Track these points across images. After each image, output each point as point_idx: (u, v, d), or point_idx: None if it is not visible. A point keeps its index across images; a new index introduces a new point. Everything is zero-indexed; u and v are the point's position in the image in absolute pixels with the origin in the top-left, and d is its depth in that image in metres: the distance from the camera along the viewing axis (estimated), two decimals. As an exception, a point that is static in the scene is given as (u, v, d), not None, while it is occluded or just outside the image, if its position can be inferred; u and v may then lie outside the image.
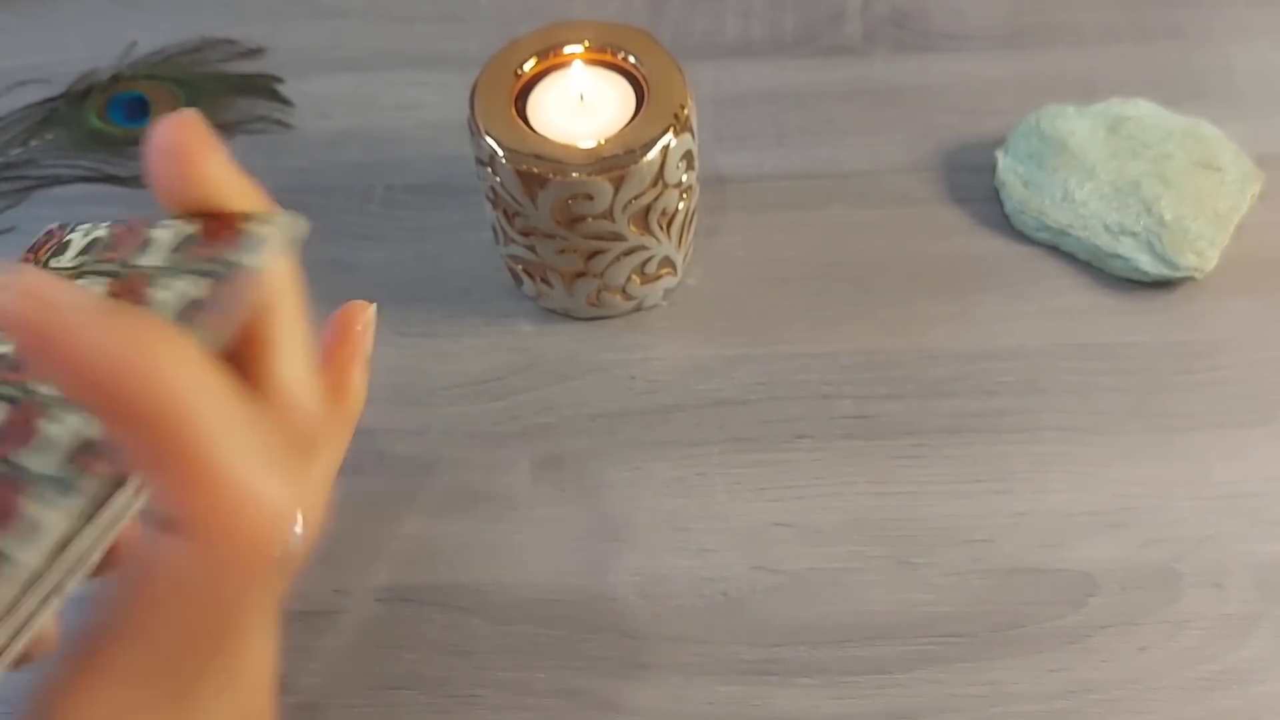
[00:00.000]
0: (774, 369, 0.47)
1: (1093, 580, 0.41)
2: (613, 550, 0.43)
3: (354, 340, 0.30)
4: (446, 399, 0.47)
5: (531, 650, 0.41)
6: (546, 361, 0.48)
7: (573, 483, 0.44)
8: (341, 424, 0.29)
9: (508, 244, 0.47)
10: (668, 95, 0.44)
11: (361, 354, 0.30)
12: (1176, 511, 0.42)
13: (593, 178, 0.42)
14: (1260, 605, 0.40)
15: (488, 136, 0.43)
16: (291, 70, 0.59)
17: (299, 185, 0.54)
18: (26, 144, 0.57)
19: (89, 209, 0.54)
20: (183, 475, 0.21)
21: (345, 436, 0.29)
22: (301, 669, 0.40)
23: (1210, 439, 0.44)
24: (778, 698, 0.39)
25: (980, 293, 0.49)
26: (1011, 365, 0.46)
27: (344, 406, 0.29)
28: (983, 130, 0.54)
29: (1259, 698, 0.38)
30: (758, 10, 0.60)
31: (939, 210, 0.51)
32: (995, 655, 0.39)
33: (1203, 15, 0.58)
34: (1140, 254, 0.47)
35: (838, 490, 0.43)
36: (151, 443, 0.21)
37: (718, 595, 0.41)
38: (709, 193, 0.52)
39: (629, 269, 0.46)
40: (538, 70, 0.45)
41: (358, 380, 0.29)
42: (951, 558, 0.42)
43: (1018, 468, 0.44)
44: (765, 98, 0.56)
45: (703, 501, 0.44)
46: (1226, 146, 0.50)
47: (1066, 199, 0.49)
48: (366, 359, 0.30)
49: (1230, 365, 0.46)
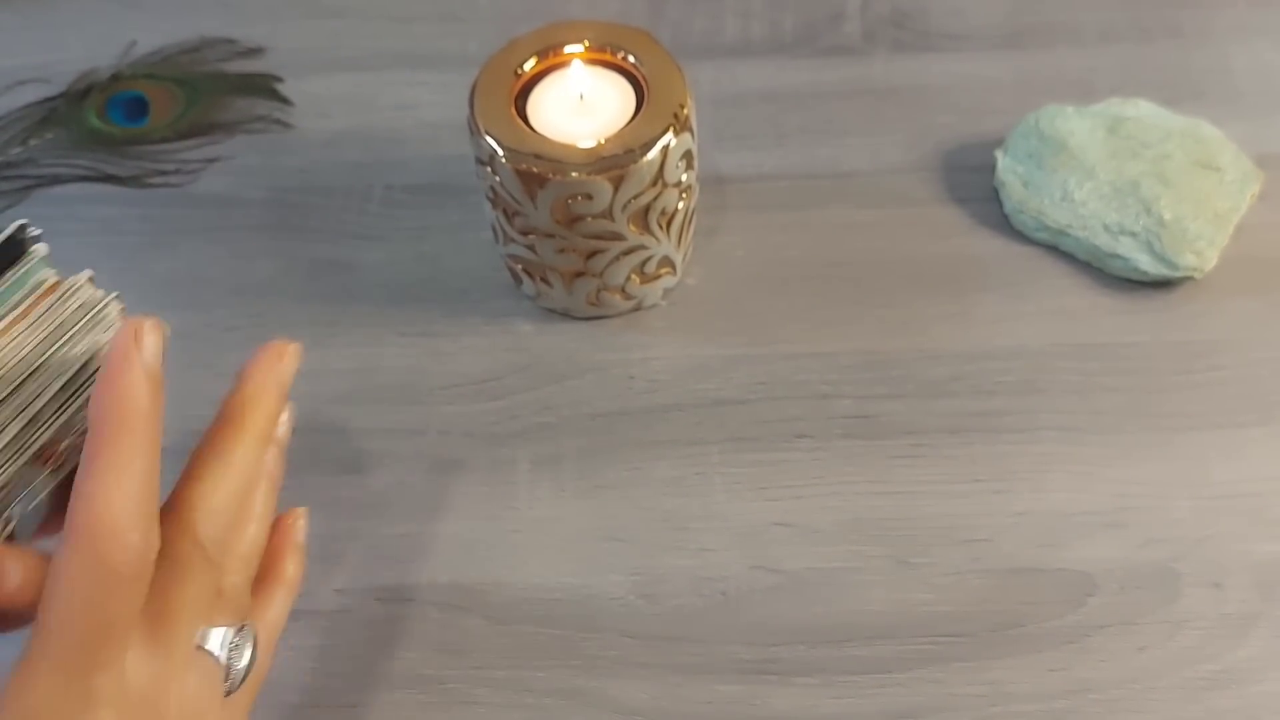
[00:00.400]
0: (773, 369, 0.47)
1: (1092, 580, 0.41)
2: (612, 550, 0.43)
3: (287, 532, 0.37)
4: (445, 398, 0.47)
5: (530, 650, 0.41)
6: (546, 361, 0.48)
7: (572, 482, 0.44)
8: (279, 593, 0.36)
9: (507, 243, 0.47)
10: (667, 95, 0.44)
11: (293, 546, 0.37)
12: (1175, 511, 0.42)
13: (592, 177, 0.42)
14: (1259, 605, 0.40)
15: (487, 136, 0.43)
16: (291, 70, 0.59)
17: (298, 185, 0.54)
18: (26, 143, 0.57)
19: (88, 208, 0.54)
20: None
21: (285, 604, 0.36)
22: (301, 668, 0.40)
23: (1209, 439, 0.44)
24: (776, 697, 0.39)
25: (979, 293, 0.49)
26: (1011, 365, 0.46)
27: (280, 582, 0.36)
28: (982, 130, 0.54)
29: (1258, 697, 0.38)
30: (757, 10, 0.60)
31: (938, 210, 0.51)
32: (994, 655, 0.39)
33: (1202, 15, 0.58)
34: (1139, 254, 0.47)
35: (837, 490, 0.43)
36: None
37: (716, 595, 0.41)
38: (708, 192, 0.52)
39: (628, 268, 0.46)
40: (537, 70, 0.45)
41: (292, 566, 0.36)
42: (951, 557, 0.42)
43: (1017, 467, 0.44)
44: (765, 97, 0.56)
45: (702, 501, 0.44)
46: (1226, 146, 0.50)
47: (1066, 199, 0.49)
48: (300, 550, 0.37)
49: (1229, 365, 0.46)
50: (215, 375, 0.48)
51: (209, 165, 0.55)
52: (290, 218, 0.53)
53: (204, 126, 0.57)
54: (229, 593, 0.32)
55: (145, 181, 0.55)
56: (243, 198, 0.54)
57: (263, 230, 0.53)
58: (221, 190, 0.54)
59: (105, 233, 0.53)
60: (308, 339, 0.48)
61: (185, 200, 0.54)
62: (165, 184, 0.55)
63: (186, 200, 0.54)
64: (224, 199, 0.54)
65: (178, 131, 0.57)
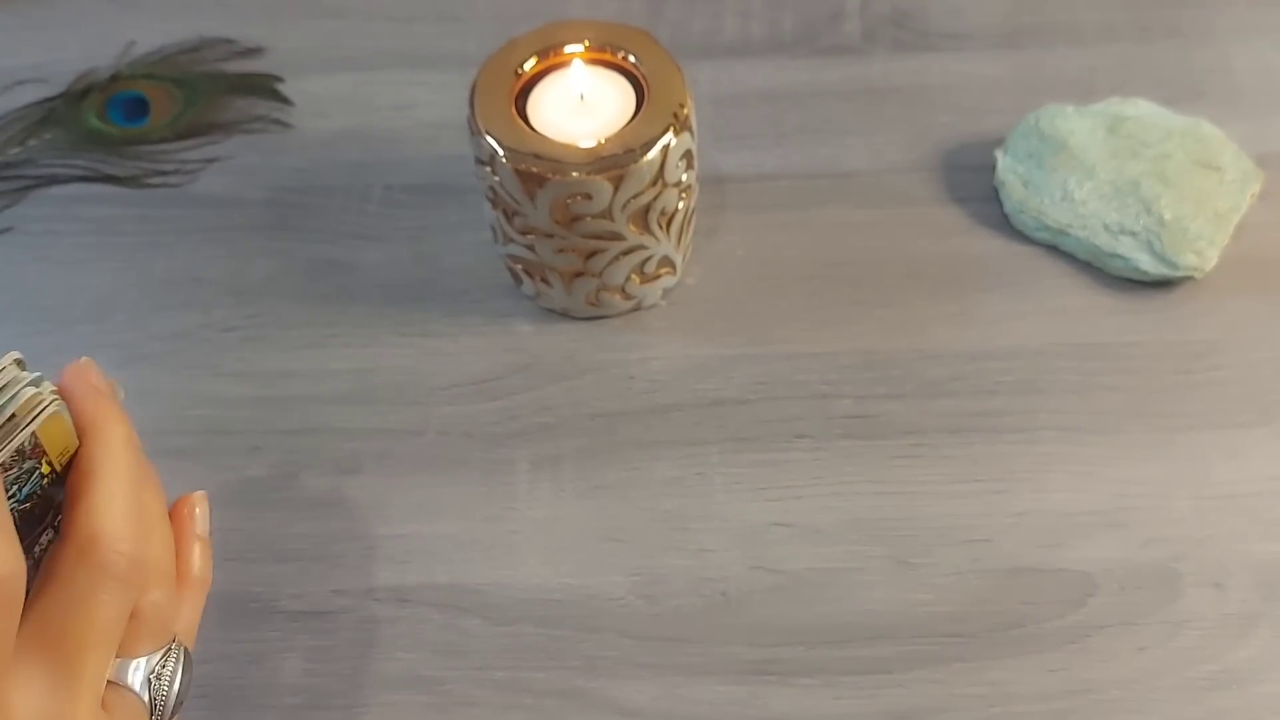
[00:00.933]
0: (773, 369, 0.47)
1: (1092, 580, 0.41)
2: (611, 550, 0.43)
3: (184, 524, 0.33)
4: (445, 398, 0.47)
5: (530, 650, 0.40)
6: (545, 361, 0.48)
7: (571, 482, 0.44)
8: (187, 595, 0.32)
9: (507, 243, 0.47)
10: (667, 95, 0.44)
11: (191, 536, 0.33)
12: (1176, 511, 0.42)
13: (592, 177, 0.42)
14: (1260, 605, 0.40)
15: (487, 136, 0.43)
16: (290, 70, 0.59)
17: (298, 185, 0.54)
18: (25, 143, 0.56)
19: (86, 208, 0.54)
20: None
21: (196, 605, 0.32)
22: (300, 669, 0.40)
23: (1210, 439, 0.44)
24: (777, 698, 0.39)
25: (979, 292, 0.49)
26: (1011, 365, 0.46)
27: (185, 582, 0.32)
28: (982, 130, 0.54)
29: (1258, 698, 0.38)
30: (757, 10, 0.60)
31: (938, 210, 0.51)
32: (994, 655, 0.39)
33: (1202, 15, 0.58)
34: (1140, 254, 0.47)
35: (837, 490, 0.43)
36: None
37: (716, 595, 0.41)
38: (708, 192, 0.52)
39: (628, 268, 0.46)
40: (537, 70, 0.45)
41: (197, 561, 0.33)
42: (951, 557, 0.42)
43: (1017, 467, 0.44)
44: (764, 97, 0.56)
45: (701, 501, 0.43)
46: (1226, 146, 0.50)
47: (1066, 198, 0.49)
48: (203, 542, 0.33)
49: (1230, 365, 0.46)
50: (214, 375, 0.48)
51: (208, 165, 0.55)
52: (289, 218, 0.53)
53: (203, 126, 0.57)
54: (148, 612, 0.29)
55: (144, 181, 0.55)
56: (241, 198, 0.54)
57: (261, 230, 0.53)
58: (220, 190, 0.54)
59: (104, 233, 0.53)
60: (306, 339, 0.49)
61: (184, 200, 0.54)
62: (164, 184, 0.55)
63: (185, 200, 0.54)
64: (223, 199, 0.54)
65: (176, 131, 0.56)
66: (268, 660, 0.41)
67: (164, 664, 0.29)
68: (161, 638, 0.30)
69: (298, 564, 0.43)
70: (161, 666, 0.29)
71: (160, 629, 0.30)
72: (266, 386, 0.47)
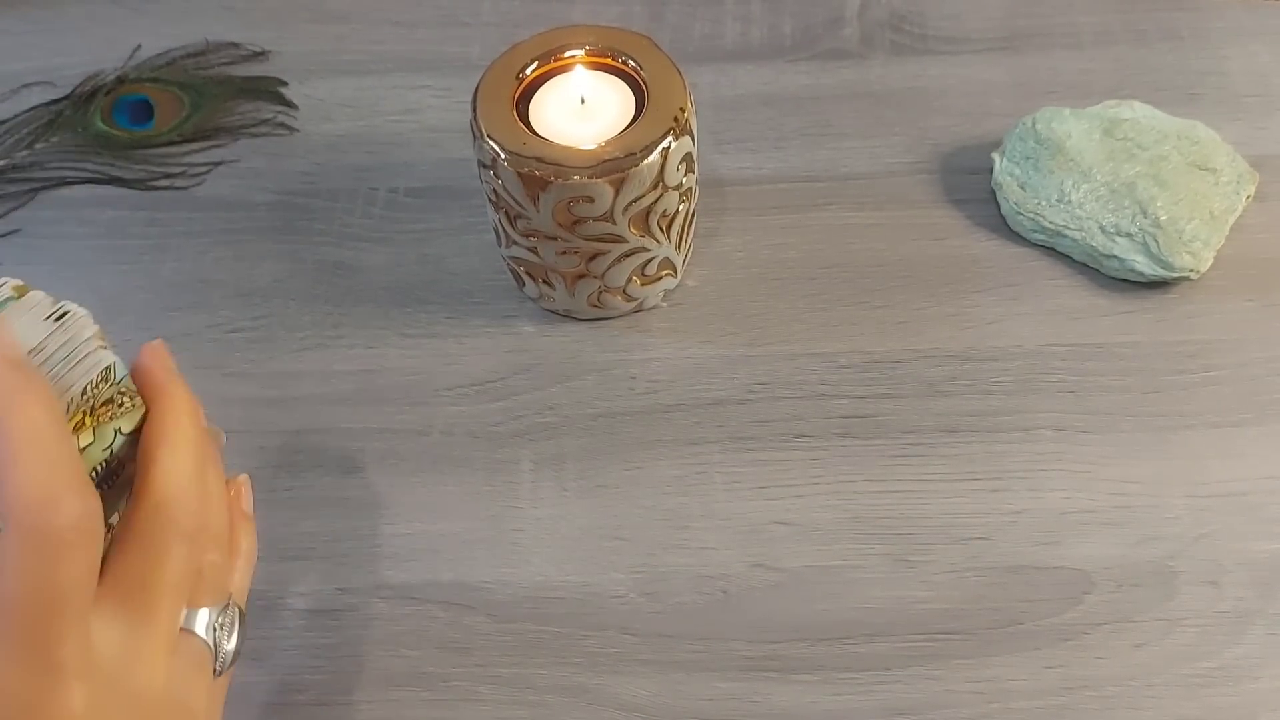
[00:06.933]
0: (773, 369, 0.47)
1: (1089, 578, 0.41)
2: (613, 548, 0.43)
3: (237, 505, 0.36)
4: (449, 399, 0.47)
5: (533, 647, 0.41)
6: (548, 362, 0.48)
7: (574, 482, 0.45)
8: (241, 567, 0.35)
9: (509, 246, 0.47)
10: (667, 99, 0.44)
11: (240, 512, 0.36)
12: (1172, 510, 0.43)
13: (594, 180, 0.42)
14: (1255, 603, 0.40)
15: (490, 139, 0.43)
16: (295, 74, 0.59)
17: (303, 188, 0.55)
18: (32, 146, 0.57)
19: (94, 211, 0.54)
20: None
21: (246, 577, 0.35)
22: (306, 667, 0.41)
23: (1205, 438, 0.44)
24: (776, 694, 0.39)
25: (977, 293, 0.49)
26: (1008, 365, 0.47)
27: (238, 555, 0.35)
28: (979, 132, 0.54)
29: (1254, 694, 0.38)
30: (756, 15, 0.60)
31: (936, 212, 0.52)
32: (992, 652, 0.40)
33: (1198, 18, 0.58)
34: (1136, 255, 0.48)
35: (836, 489, 0.44)
36: None
37: (717, 593, 0.42)
38: (708, 195, 0.52)
39: (629, 270, 0.46)
40: (539, 74, 0.46)
41: (246, 538, 0.35)
42: (949, 555, 0.42)
43: (1014, 466, 0.44)
44: (764, 101, 0.56)
45: (702, 500, 0.44)
46: (1221, 148, 0.50)
47: (1062, 200, 0.49)
48: (250, 520, 0.36)
49: (1225, 365, 0.46)
50: (221, 377, 0.48)
51: (214, 168, 0.56)
52: (295, 220, 0.53)
53: (209, 130, 0.57)
54: (209, 572, 0.32)
55: (151, 184, 0.55)
56: (247, 201, 0.54)
57: (267, 233, 0.53)
58: (226, 193, 0.55)
59: (111, 235, 0.53)
60: (312, 340, 0.49)
61: (190, 203, 0.55)
62: (171, 187, 0.55)
63: (192, 203, 0.55)
64: (229, 202, 0.54)
65: (183, 135, 0.57)
66: (274, 657, 0.41)
67: (223, 618, 0.32)
68: (220, 595, 0.32)
69: (304, 562, 0.43)
70: (220, 620, 0.32)
71: (218, 588, 0.32)
72: (273, 387, 0.48)
